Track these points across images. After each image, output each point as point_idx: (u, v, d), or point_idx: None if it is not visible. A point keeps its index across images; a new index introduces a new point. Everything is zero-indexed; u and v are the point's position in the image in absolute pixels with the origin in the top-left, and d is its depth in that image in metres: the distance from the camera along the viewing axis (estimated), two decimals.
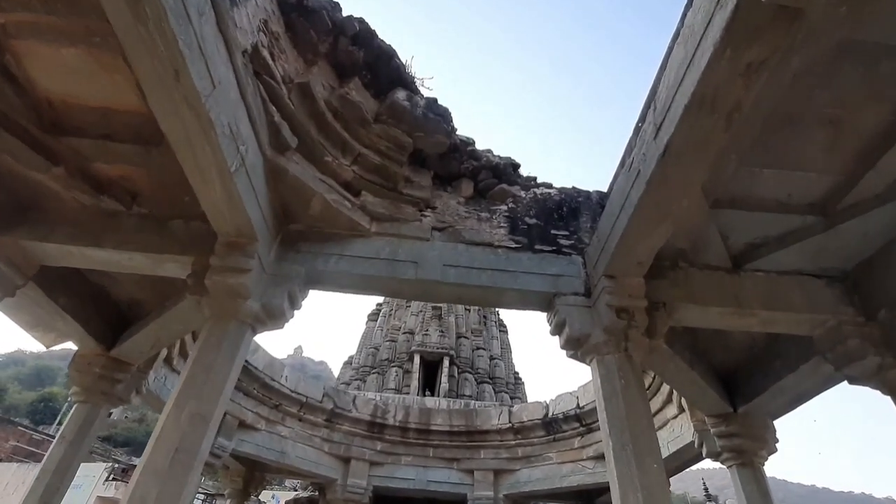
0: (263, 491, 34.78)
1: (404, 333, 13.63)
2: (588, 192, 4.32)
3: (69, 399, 4.97)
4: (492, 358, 13.93)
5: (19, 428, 23.56)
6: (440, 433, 9.48)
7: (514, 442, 9.09)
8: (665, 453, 6.50)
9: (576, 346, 3.40)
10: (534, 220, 4.02)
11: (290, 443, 8.39)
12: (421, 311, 14.09)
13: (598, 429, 8.13)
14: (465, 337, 13.65)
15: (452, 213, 4.05)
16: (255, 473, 9.07)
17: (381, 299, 16.80)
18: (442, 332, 12.88)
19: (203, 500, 21.85)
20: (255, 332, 3.38)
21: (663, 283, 3.59)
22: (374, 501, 9.41)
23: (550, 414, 8.68)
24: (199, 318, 3.77)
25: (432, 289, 3.61)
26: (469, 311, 14.93)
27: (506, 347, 15.50)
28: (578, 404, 8.20)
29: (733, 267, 3.82)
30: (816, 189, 3.60)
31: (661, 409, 6.65)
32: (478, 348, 13.78)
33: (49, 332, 5.05)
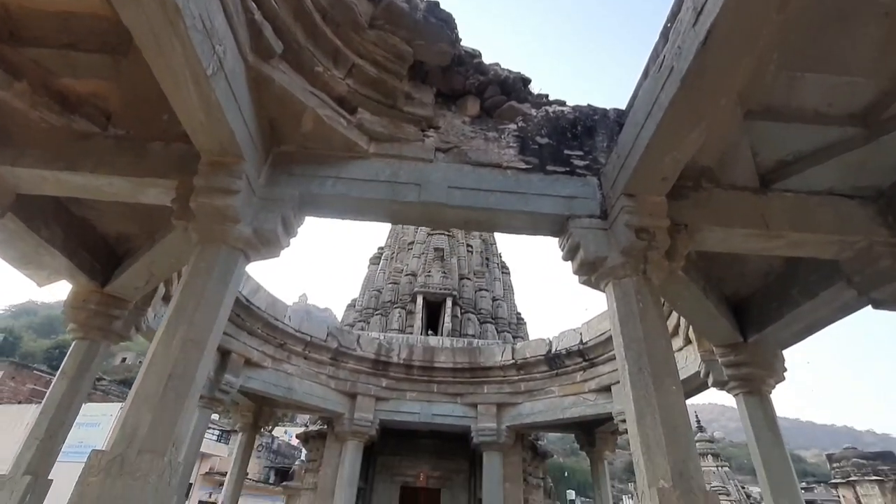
0: (277, 427, 36.54)
1: (406, 276, 13.57)
2: (605, 109, 3.95)
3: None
4: (494, 299, 13.96)
5: (35, 372, 24.31)
6: (444, 370, 9.63)
7: (516, 377, 9.23)
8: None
9: (590, 271, 3.19)
10: (545, 140, 3.69)
11: (296, 380, 8.52)
12: (423, 254, 13.95)
13: (601, 363, 8.22)
14: (468, 278, 13.61)
15: (457, 133, 3.71)
16: (265, 409, 9.30)
17: (382, 243, 16.64)
18: (444, 273, 12.81)
19: (218, 437, 22.94)
20: (248, 260, 3.17)
21: (685, 205, 3.33)
22: (381, 434, 9.72)
23: (553, 350, 8.74)
24: (189, 250, 3.56)
25: (436, 212, 3.35)
26: (471, 252, 14.80)
27: (508, 289, 15.52)
28: (582, 340, 8.22)
29: (761, 187, 3.54)
30: (861, 97, 3.25)
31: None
32: (480, 289, 13.77)
33: (40, 270, 4.87)
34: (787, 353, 6.44)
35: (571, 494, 48.80)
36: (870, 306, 3.79)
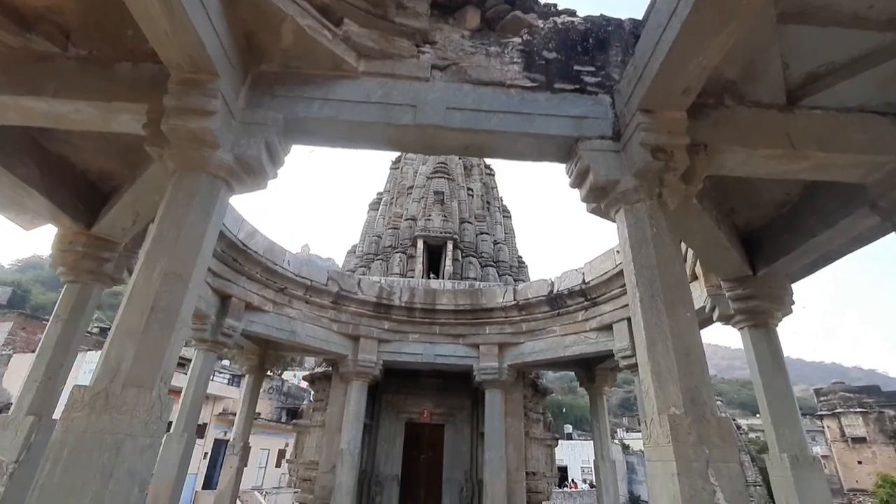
0: (286, 371, 37.67)
1: (406, 220, 13.36)
2: (619, 20, 3.55)
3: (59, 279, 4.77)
4: (495, 242, 13.82)
5: (44, 322, 24.77)
6: (446, 312, 9.66)
7: (518, 318, 9.27)
8: None
9: (600, 197, 2.98)
10: (553, 55, 3.34)
11: (298, 323, 8.55)
12: (423, 198, 13.65)
13: (603, 302, 8.20)
14: (469, 222, 13.40)
15: (455, 49, 3.35)
16: (270, 352, 9.43)
17: (381, 188, 16.27)
18: (445, 217, 12.59)
19: (229, 380, 23.73)
20: (232, 190, 2.94)
21: (704, 123, 3.05)
22: (385, 374, 9.92)
23: (555, 290, 8.69)
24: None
25: (434, 136, 3.08)
26: (472, 196, 14.49)
27: (509, 232, 15.34)
28: (584, 280, 8.14)
29: (787, 104, 3.24)
30: None
31: None
32: (481, 233, 13.60)
33: (23, 213, 4.67)
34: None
35: (568, 428, 51.46)
36: (892, 234, 3.61)
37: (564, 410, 56.08)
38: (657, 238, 2.58)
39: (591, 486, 33.92)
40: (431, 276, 11.90)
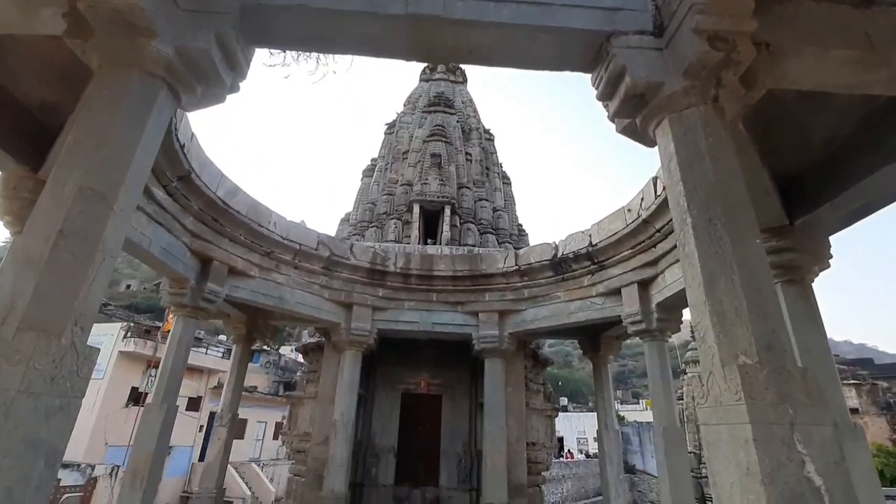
0: (283, 346, 37.59)
1: (402, 185, 12.73)
2: None
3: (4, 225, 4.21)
4: (495, 209, 13.25)
5: None
6: (443, 278, 9.16)
7: (520, 284, 8.78)
8: None
9: (636, 108, 2.41)
10: None
11: (287, 289, 8.04)
12: (419, 162, 12.99)
13: (611, 265, 7.70)
14: (467, 187, 12.79)
15: None
16: (258, 321, 8.95)
17: (376, 153, 15.56)
18: (442, 181, 11.96)
19: (223, 354, 23.41)
20: (178, 99, 2.36)
21: (768, 21, 2.45)
22: (380, 344, 9.49)
23: (559, 254, 8.18)
24: None
25: (431, 33, 2.48)
26: (470, 161, 13.82)
27: (509, 199, 14.75)
28: (591, 242, 7.62)
29: (863, 0, 2.65)
30: None
31: None
32: (480, 199, 13.01)
33: None
34: None
35: (564, 401, 52.07)
36: None
37: (560, 384, 56.77)
38: (714, 150, 2.04)
39: (588, 456, 34.43)
40: (429, 242, 11.36)
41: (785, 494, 1.45)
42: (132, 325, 19.14)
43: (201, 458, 21.49)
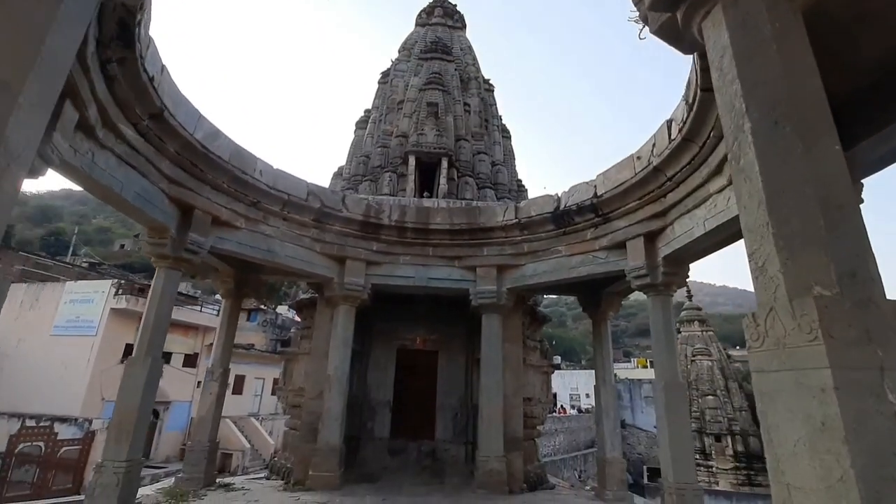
0: (280, 305, 37.68)
1: (397, 137, 12.12)
2: None
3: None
4: (494, 164, 12.71)
5: (21, 254, 23.83)
6: (440, 232, 8.80)
7: (519, 238, 8.45)
8: (698, 232, 5.71)
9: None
10: None
11: (276, 242, 7.66)
12: (415, 112, 12.31)
13: (616, 217, 7.32)
14: (465, 139, 12.20)
15: None
16: (248, 275, 8.62)
17: (370, 104, 14.78)
18: (439, 132, 11.36)
19: (218, 312, 23.30)
20: None
21: None
22: (375, 300, 9.23)
23: (562, 206, 7.80)
24: None
25: None
26: (469, 112, 13.13)
27: (508, 154, 14.18)
28: (596, 193, 7.22)
29: None
30: None
31: (702, 184, 5.62)
32: (479, 153, 12.46)
33: None
34: None
35: (558, 359, 53.23)
36: None
37: (554, 342, 57.96)
38: (783, 37, 1.63)
39: (579, 411, 35.55)
40: (425, 195, 10.91)
41: (873, 453, 1.16)
42: (123, 282, 18.84)
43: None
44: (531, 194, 13.78)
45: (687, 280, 6.76)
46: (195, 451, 7.42)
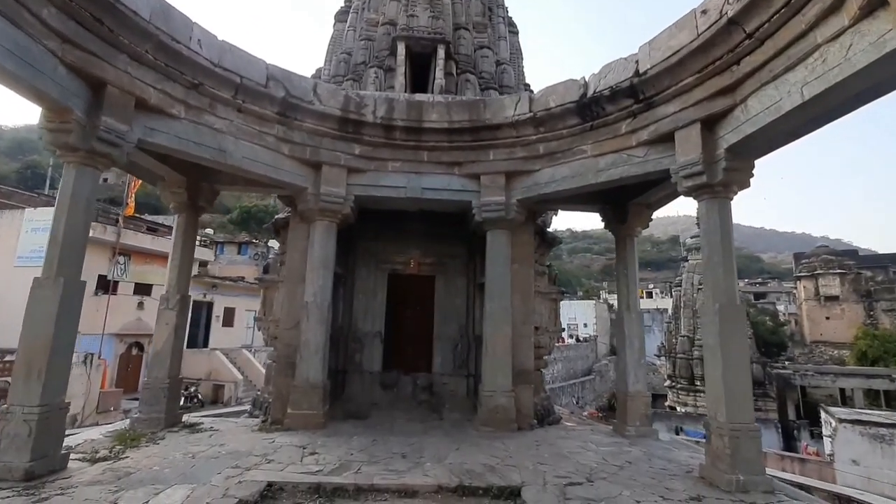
0: (272, 240, 36.37)
1: (383, 25, 10.04)
2: None
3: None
4: (498, 62, 10.73)
5: None
6: (436, 132, 7.20)
7: (534, 136, 6.88)
8: (790, 105, 4.18)
9: None
10: None
11: (229, 139, 6.07)
12: None
13: (664, 102, 5.65)
14: (465, 28, 10.15)
15: None
16: (202, 184, 7.09)
17: None
18: (434, 14, 9.33)
19: (201, 242, 21.94)
20: None
21: None
22: (360, 217, 7.83)
23: (590, 93, 6.16)
24: None
25: None
26: None
27: (516, 52, 12.12)
28: (637, 71, 5.56)
29: None
30: None
31: (803, 34, 4.01)
32: (481, 47, 10.44)
33: None
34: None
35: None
36: None
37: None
38: None
39: (578, 340, 35.81)
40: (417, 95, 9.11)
41: None
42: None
43: (189, 345, 21.21)
44: None
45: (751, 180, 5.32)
46: (152, 388, 6.34)
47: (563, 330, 9.90)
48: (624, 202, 7.36)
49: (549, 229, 9.78)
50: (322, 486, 4.21)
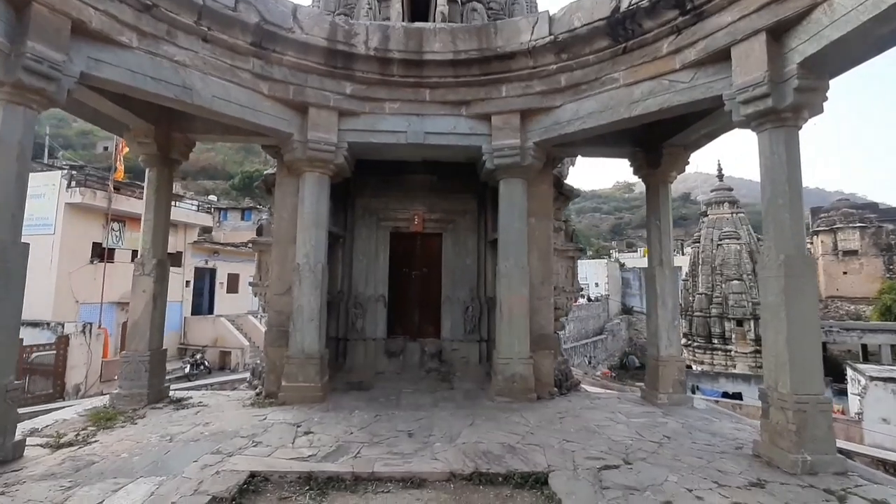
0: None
1: None
2: None
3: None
4: None
5: None
6: (440, 65, 6.19)
7: (554, 66, 5.85)
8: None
9: None
10: None
11: (196, 75, 5.15)
12: None
13: (716, 10, 4.61)
14: None
15: None
16: (173, 133, 6.21)
17: None
18: None
19: (198, 207, 21.23)
20: None
21: None
22: (357, 169, 6.98)
23: (624, 6, 5.09)
24: None
25: None
26: None
27: None
28: None
29: None
30: None
31: None
32: None
33: None
34: None
35: None
36: None
37: None
38: None
39: (589, 300, 35.28)
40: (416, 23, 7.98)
41: None
42: (74, 172, 16.42)
43: (194, 312, 20.92)
44: None
45: (824, 102, 4.33)
46: (131, 362, 5.74)
47: (582, 290, 9.23)
48: (657, 144, 6.39)
49: (566, 182, 8.84)
50: (314, 476, 3.59)
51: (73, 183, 15.53)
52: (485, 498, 3.40)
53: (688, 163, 6.56)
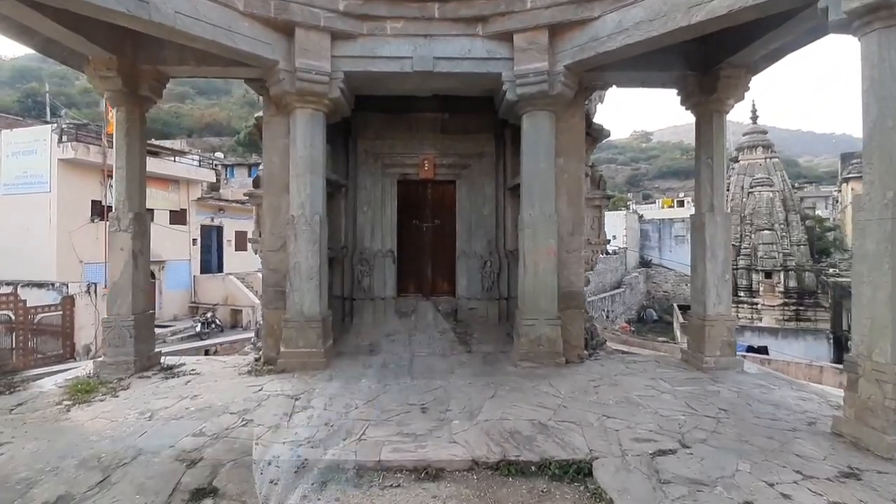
0: None
1: None
2: None
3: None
4: None
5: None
6: None
7: None
8: None
9: None
10: None
11: None
12: None
13: None
14: None
15: None
16: (139, 64, 5.31)
17: None
18: None
19: (199, 163, 20.42)
20: None
21: None
22: (358, 106, 6.06)
23: None
24: None
25: None
26: None
27: None
28: None
29: None
30: None
31: None
32: None
33: None
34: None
35: None
36: None
37: None
38: None
39: (606, 253, 34.24)
40: None
41: None
42: (65, 126, 15.60)
43: (203, 271, 20.63)
44: None
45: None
46: (114, 327, 5.18)
47: (609, 241, 8.40)
48: (713, 65, 5.30)
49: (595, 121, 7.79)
50: (309, 465, 2.99)
51: (65, 137, 14.76)
52: (516, 494, 2.78)
53: (748, 88, 5.48)
